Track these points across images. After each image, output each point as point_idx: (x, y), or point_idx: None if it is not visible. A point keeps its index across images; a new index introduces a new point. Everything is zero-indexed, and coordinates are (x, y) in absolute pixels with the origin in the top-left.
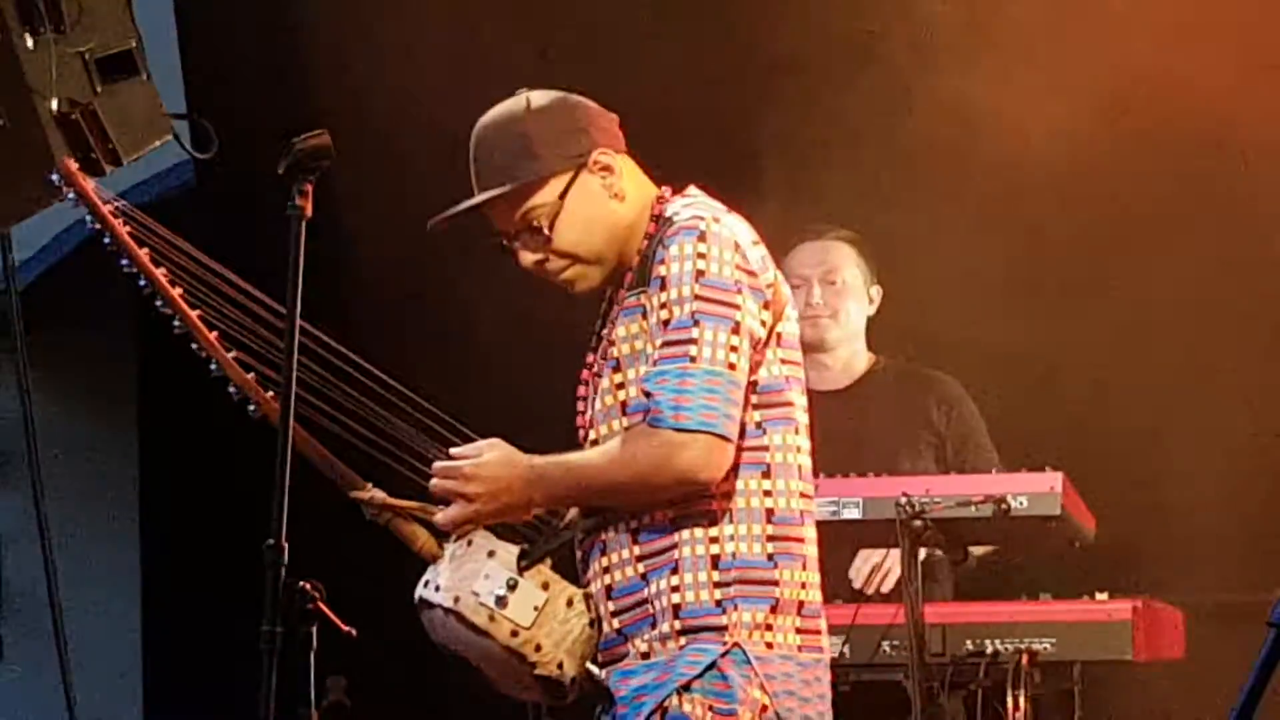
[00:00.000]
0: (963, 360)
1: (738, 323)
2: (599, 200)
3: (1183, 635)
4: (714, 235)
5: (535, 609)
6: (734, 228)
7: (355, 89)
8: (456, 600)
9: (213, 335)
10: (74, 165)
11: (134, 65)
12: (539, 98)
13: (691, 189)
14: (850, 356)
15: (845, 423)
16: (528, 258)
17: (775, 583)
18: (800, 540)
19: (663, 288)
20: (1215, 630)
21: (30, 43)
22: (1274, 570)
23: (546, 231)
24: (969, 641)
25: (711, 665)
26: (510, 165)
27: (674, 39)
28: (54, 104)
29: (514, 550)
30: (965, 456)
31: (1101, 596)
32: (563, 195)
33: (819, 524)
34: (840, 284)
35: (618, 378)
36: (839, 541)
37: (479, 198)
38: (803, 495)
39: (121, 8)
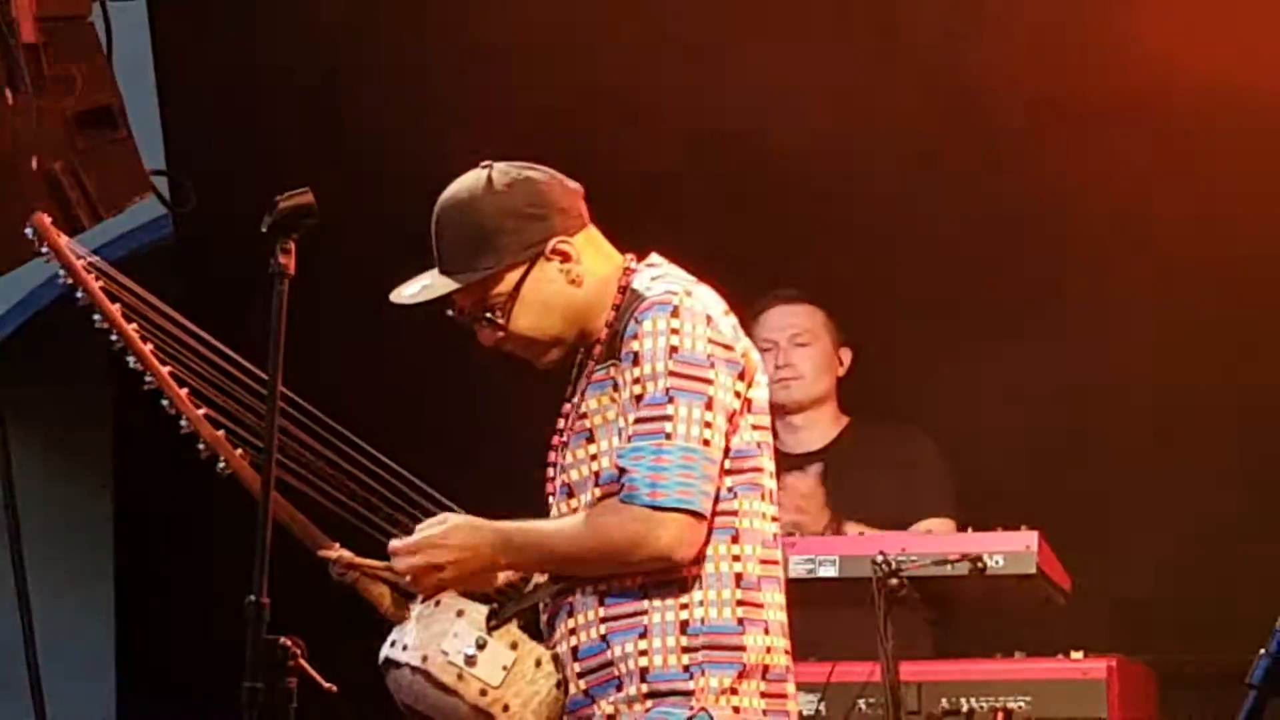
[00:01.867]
0: (936, 417)
1: (711, 398)
2: (555, 287)
3: (1156, 695)
4: (686, 310)
5: (504, 669)
6: (705, 300)
7: (337, 143)
8: (425, 659)
9: (184, 392)
10: (47, 220)
11: (114, 122)
12: (499, 177)
13: (654, 256)
14: (821, 418)
15: (819, 486)
16: (485, 338)
17: (742, 648)
18: (761, 605)
19: (635, 363)
20: (1188, 691)
21: (10, 99)
22: (1247, 632)
23: (501, 320)
24: (945, 699)
25: None
26: (466, 255)
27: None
28: (34, 160)
29: (482, 610)
30: (919, 495)
31: (1077, 655)
32: (517, 286)
33: (794, 581)
34: (808, 348)
35: (591, 449)
36: (815, 600)
37: (439, 288)
38: (763, 561)
39: (102, 64)
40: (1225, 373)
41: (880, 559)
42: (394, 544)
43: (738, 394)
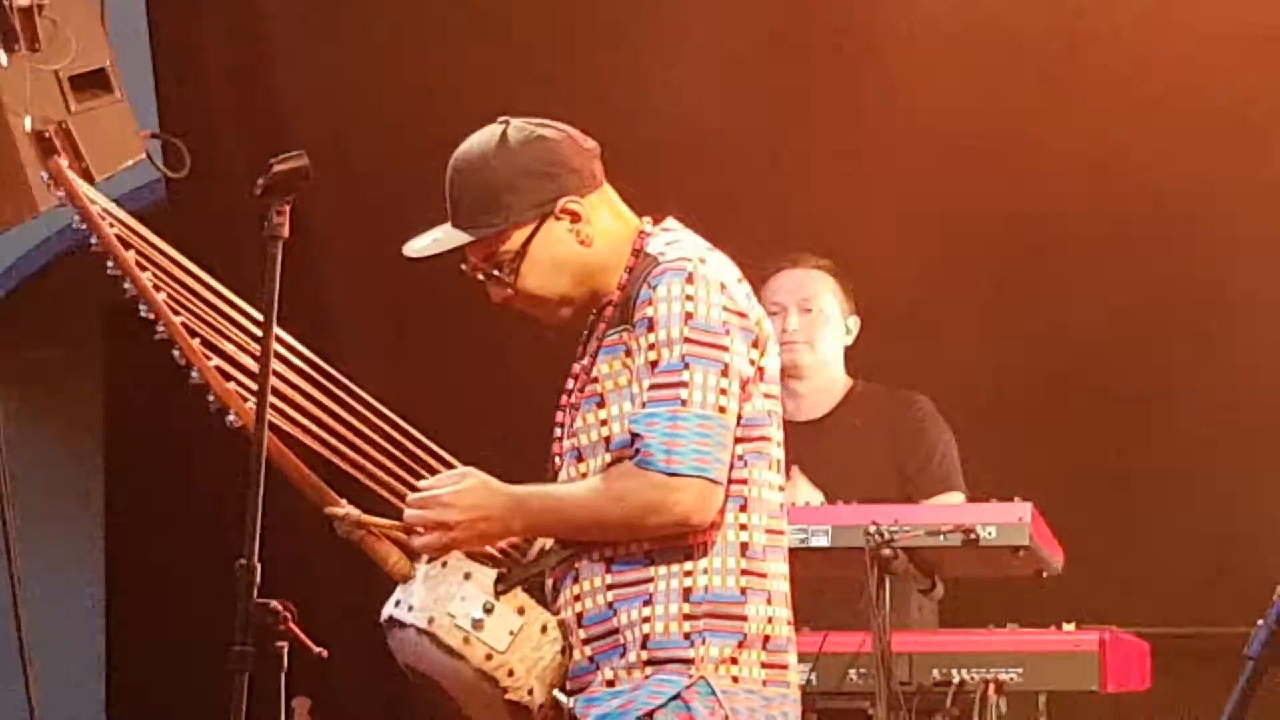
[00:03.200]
0: (937, 385)
1: (726, 365)
2: (564, 247)
3: (1149, 666)
4: (701, 277)
5: (510, 633)
6: (719, 267)
7: (329, 107)
8: (431, 621)
9: (194, 343)
10: (63, 164)
11: (107, 84)
12: (514, 134)
13: (670, 221)
14: (826, 384)
15: (821, 451)
16: (496, 294)
17: (744, 618)
18: (764, 575)
19: (650, 329)
20: (1181, 662)
21: (4, 60)
22: (1240, 603)
23: (509, 278)
24: (936, 670)
25: (676, 696)
26: (477, 211)
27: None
28: (27, 121)
29: (490, 573)
30: (931, 474)
31: (1069, 627)
32: (525, 244)
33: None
34: (816, 312)
35: (602, 414)
36: (806, 570)
37: (450, 241)
38: (769, 531)
39: (95, 26)
40: (1224, 341)
41: (873, 529)
42: (410, 496)
43: (751, 362)
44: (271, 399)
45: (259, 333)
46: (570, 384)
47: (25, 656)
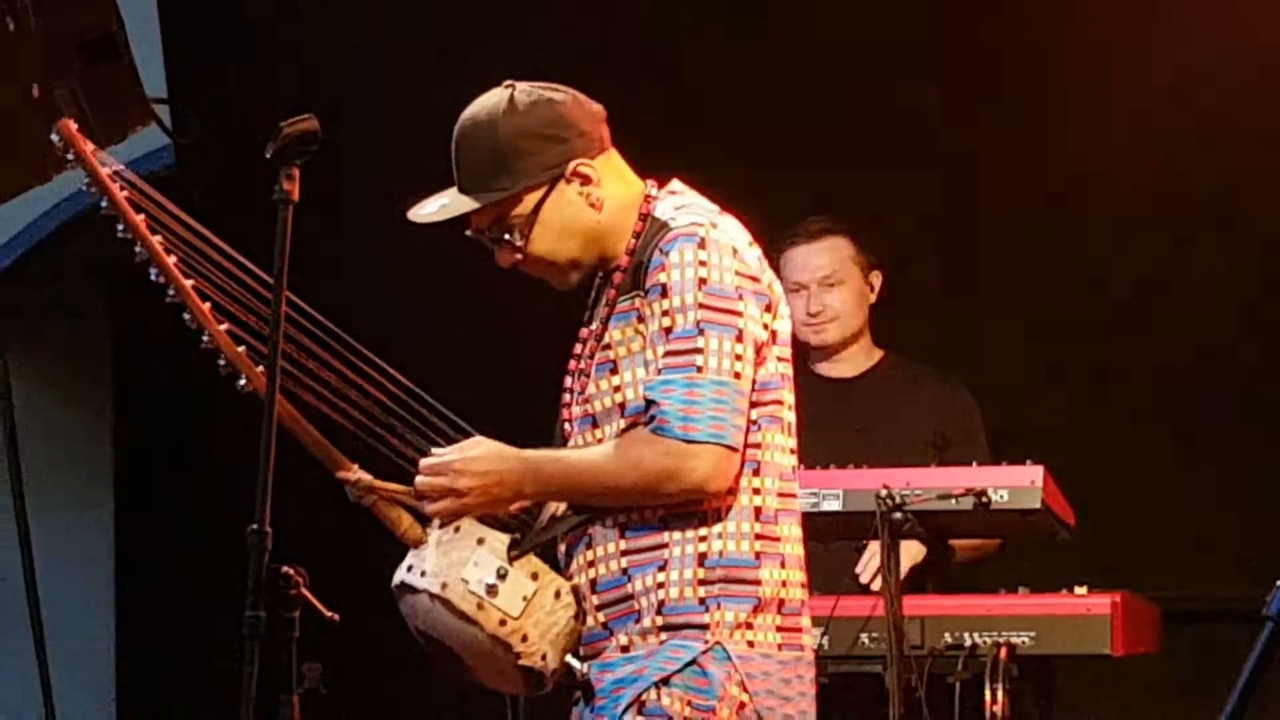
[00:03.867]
0: (953, 349)
1: (741, 330)
2: (575, 210)
3: (1160, 630)
4: (713, 242)
5: (524, 599)
6: (730, 232)
7: (341, 71)
8: (444, 586)
9: (206, 307)
10: (74, 126)
11: (116, 49)
12: (522, 97)
13: (676, 183)
14: (857, 350)
15: (850, 410)
16: (505, 259)
17: (758, 582)
18: (778, 539)
19: (664, 295)
20: (1194, 626)
21: (11, 26)
22: (1251, 569)
23: (520, 242)
24: (948, 634)
25: (692, 661)
26: (487, 176)
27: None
28: (35, 87)
29: (503, 539)
30: (960, 458)
31: (1080, 591)
32: (537, 208)
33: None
34: (838, 286)
35: (615, 380)
36: (819, 533)
37: (457, 207)
38: (781, 495)
39: None
40: (1241, 316)
41: (884, 493)
42: (422, 462)
43: (765, 326)
44: (283, 363)
45: (271, 296)
46: (578, 349)
47: (36, 612)
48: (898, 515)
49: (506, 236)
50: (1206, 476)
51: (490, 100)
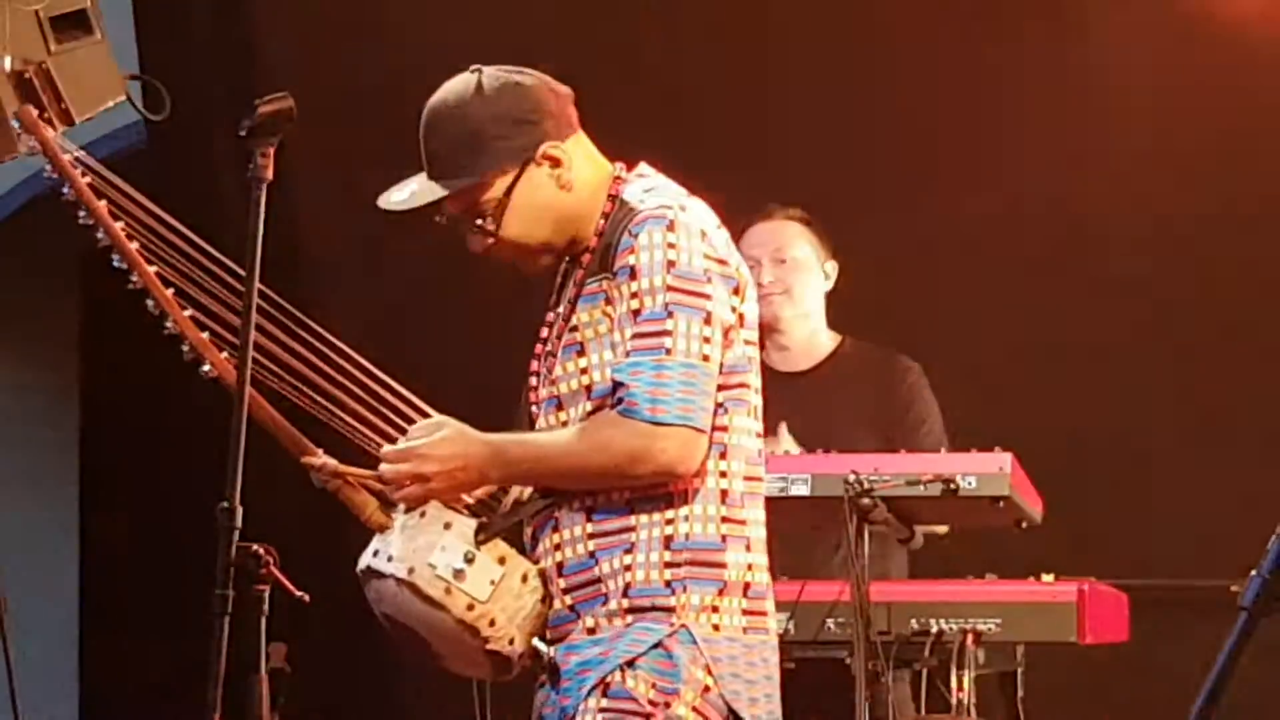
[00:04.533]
0: (918, 334)
1: (709, 313)
2: (545, 193)
3: (1127, 618)
4: (682, 225)
5: (492, 583)
6: (699, 214)
7: (310, 51)
8: (411, 571)
9: (169, 293)
10: (35, 113)
11: (88, 24)
12: (489, 81)
13: (644, 166)
14: (810, 336)
15: (806, 405)
16: (475, 244)
17: (723, 565)
18: (743, 522)
19: (632, 276)
20: (1160, 614)
21: None
22: (1219, 557)
23: (491, 227)
24: (914, 620)
25: (657, 644)
26: (456, 160)
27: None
28: (7, 62)
29: (470, 523)
30: (919, 442)
31: (1047, 578)
32: (508, 192)
33: (767, 500)
34: (791, 261)
35: (582, 362)
36: (786, 519)
37: (427, 194)
38: (747, 478)
39: None
40: (1205, 297)
41: (852, 478)
42: (385, 450)
43: (733, 309)
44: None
45: (234, 282)
46: (545, 332)
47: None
48: (865, 501)
49: (478, 222)
50: (1176, 465)
51: (457, 85)
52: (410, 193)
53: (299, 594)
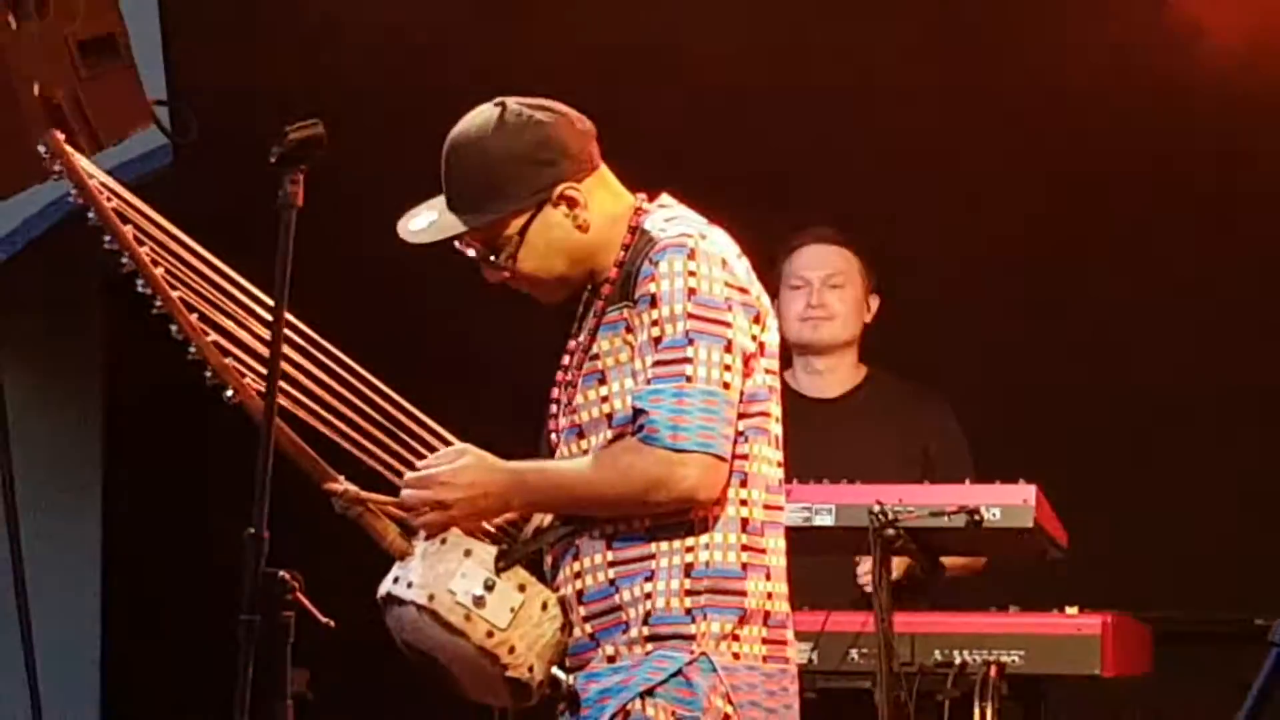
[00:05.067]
0: (944, 366)
1: (730, 341)
2: (560, 232)
3: (1151, 651)
4: (703, 253)
5: (511, 611)
6: (720, 243)
7: (343, 77)
8: (432, 598)
9: (192, 318)
10: (61, 137)
11: (116, 49)
12: (511, 118)
13: (665, 197)
14: (844, 364)
15: (832, 432)
16: (492, 276)
17: (744, 593)
18: (763, 551)
19: (653, 305)
20: (1183, 647)
21: (13, 25)
22: (1243, 590)
23: (506, 262)
24: (937, 652)
25: (677, 672)
26: (474, 197)
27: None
28: (36, 87)
29: (490, 550)
30: (947, 476)
31: (1071, 610)
32: (523, 230)
33: (791, 530)
34: (841, 288)
35: (603, 390)
36: (810, 548)
37: (446, 228)
38: (767, 506)
39: None
40: (1228, 338)
41: (877, 509)
42: (406, 476)
43: (753, 337)
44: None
45: (257, 308)
46: (566, 360)
47: (24, 612)
48: (890, 531)
49: (493, 257)
50: (1201, 498)
51: (480, 119)
52: (429, 223)
53: (325, 620)
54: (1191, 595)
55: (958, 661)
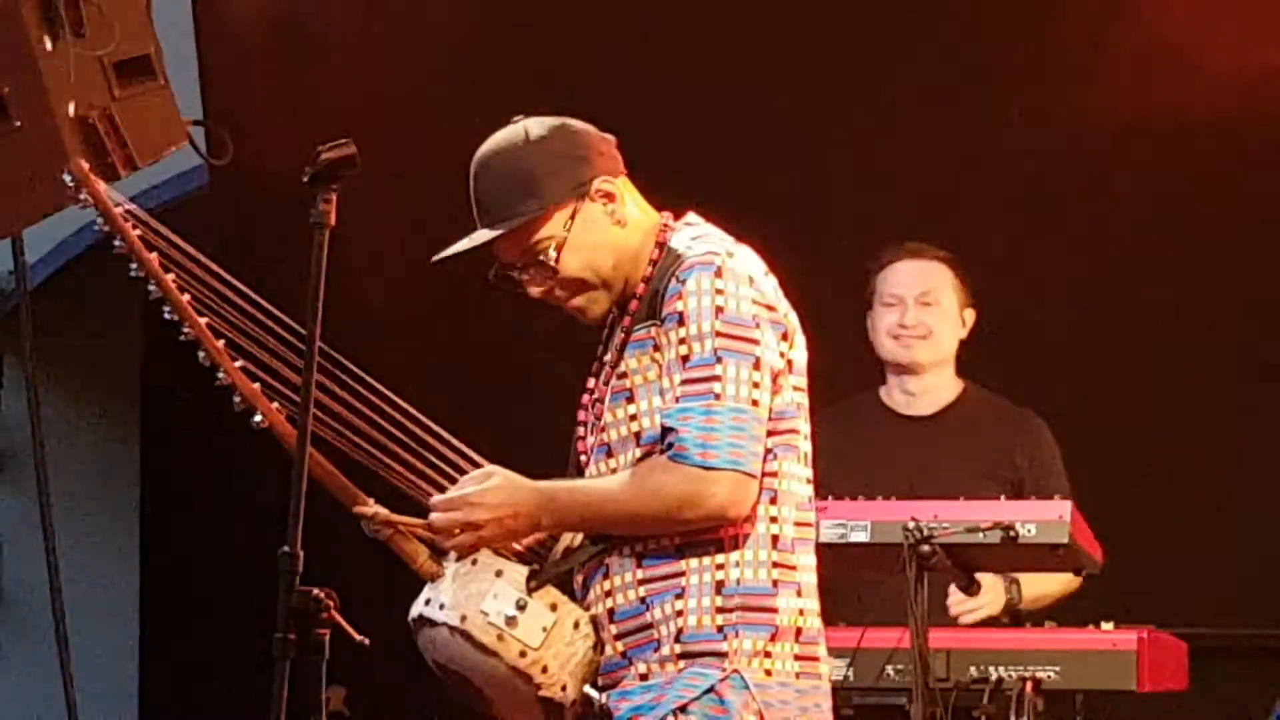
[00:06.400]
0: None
1: (758, 358)
2: (603, 227)
3: (1187, 667)
4: (730, 271)
5: (544, 630)
6: (747, 261)
7: (374, 99)
8: (464, 619)
9: (220, 344)
10: (86, 166)
11: (151, 70)
12: (536, 127)
13: (691, 215)
14: (938, 382)
15: (924, 451)
16: (535, 289)
17: (775, 610)
18: (794, 568)
19: (680, 323)
20: (1220, 663)
21: (49, 45)
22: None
23: (553, 263)
24: (973, 668)
25: (709, 689)
26: (513, 201)
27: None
28: (71, 107)
29: (522, 570)
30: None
31: (1107, 626)
32: (567, 227)
33: (826, 546)
34: (935, 305)
35: (631, 409)
36: (846, 565)
37: (484, 237)
38: (798, 524)
39: (140, 12)
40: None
41: (912, 525)
42: (435, 499)
43: (781, 354)
44: (297, 397)
45: (284, 333)
46: (592, 380)
47: (61, 625)
48: (925, 548)
49: (540, 258)
50: (1237, 514)
51: (505, 134)
52: (466, 241)
53: (360, 638)
54: (1227, 611)
55: (994, 677)
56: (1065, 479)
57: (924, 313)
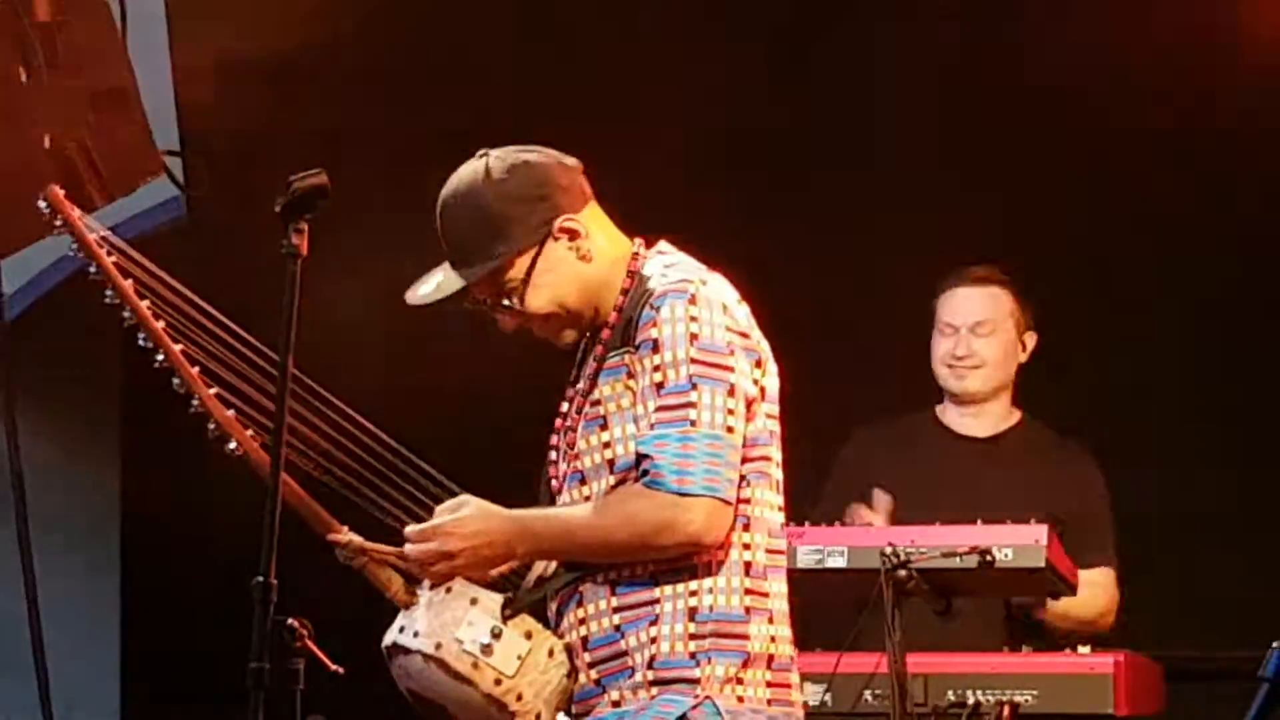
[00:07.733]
0: None
1: (733, 385)
2: (567, 263)
3: (1163, 690)
4: (704, 298)
5: (519, 658)
6: (720, 289)
7: (353, 129)
8: (438, 647)
9: (194, 371)
10: (61, 193)
11: (127, 101)
12: (497, 165)
13: (663, 244)
14: (994, 408)
15: (977, 472)
16: (506, 324)
17: (747, 636)
18: (766, 595)
19: (655, 350)
20: (1196, 686)
21: (24, 76)
22: (1254, 627)
23: (518, 305)
24: (951, 692)
25: (682, 717)
26: (474, 248)
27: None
28: (47, 138)
29: (496, 598)
30: (1083, 539)
31: (1084, 650)
32: (529, 270)
33: (802, 572)
34: (992, 336)
35: (605, 436)
36: (823, 591)
37: (450, 285)
38: (770, 550)
39: (115, 43)
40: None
41: (889, 550)
42: (410, 530)
43: (755, 381)
44: (270, 424)
45: (258, 360)
46: (565, 407)
47: (41, 659)
48: (902, 573)
49: (505, 302)
50: (1211, 537)
51: (466, 172)
52: (435, 284)
53: (334, 667)
54: (1203, 634)
55: (971, 701)
56: (1111, 531)
57: (978, 342)
